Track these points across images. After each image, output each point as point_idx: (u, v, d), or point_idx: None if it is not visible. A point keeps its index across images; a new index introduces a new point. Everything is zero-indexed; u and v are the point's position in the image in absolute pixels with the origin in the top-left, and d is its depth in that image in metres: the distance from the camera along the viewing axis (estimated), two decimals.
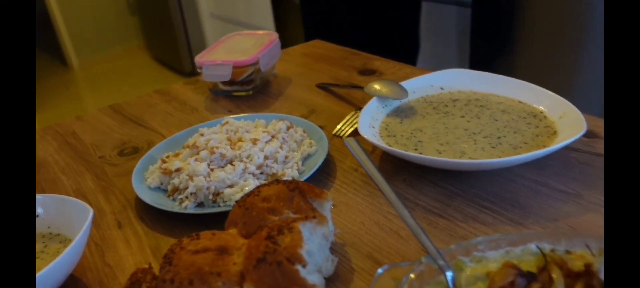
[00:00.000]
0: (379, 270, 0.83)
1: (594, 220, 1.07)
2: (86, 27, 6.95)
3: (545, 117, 1.29)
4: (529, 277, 0.80)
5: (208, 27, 5.84)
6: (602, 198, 1.12)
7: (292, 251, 0.81)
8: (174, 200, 1.17)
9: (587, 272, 0.79)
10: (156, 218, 1.18)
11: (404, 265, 0.84)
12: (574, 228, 1.04)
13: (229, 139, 1.25)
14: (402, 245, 1.02)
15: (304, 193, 0.95)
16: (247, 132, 1.29)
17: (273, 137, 1.27)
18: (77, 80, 6.75)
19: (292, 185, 0.96)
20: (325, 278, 0.94)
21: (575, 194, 1.15)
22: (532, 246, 0.87)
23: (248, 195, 0.96)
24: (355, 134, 1.41)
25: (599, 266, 0.78)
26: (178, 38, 5.89)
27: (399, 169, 1.28)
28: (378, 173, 0.94)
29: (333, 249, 1.02)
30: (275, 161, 1.20)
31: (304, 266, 0.80)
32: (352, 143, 0.98)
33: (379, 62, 1.99)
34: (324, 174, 1.27)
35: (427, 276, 0.86)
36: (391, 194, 0.90)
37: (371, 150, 1.36)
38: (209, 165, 1.17)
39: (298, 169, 1.21)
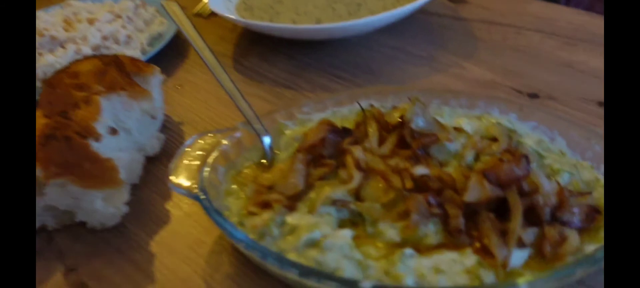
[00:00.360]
0: (188, 141, 0.78)
1: (439, 80, 1.05)
2: None
3: None
4: (344, 132, 0.77)
5: None
6: (453, 59, 1.10)
7: (85, 124, 0.74)
8: None
9: (401, 123, 0.76)
10: None
11: (216, 132, 0.80)
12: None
13: (65, 21, 1.14)
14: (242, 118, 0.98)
15: (122, 67, 0.88)
16: (88, 12, 1.18)
17: (118, 16, 1.17)
18: None
19: (108, 59, 0.88)
20: (149, 156, 0.89)
21: (428, 57, 1.12)
22: (357, 105, 0.84)
23: (57, 72, 0.88)
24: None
25: (412, 115, 0.75)
26: None
27: (255, 44, 1.21)
28: (198, 37, 0.86)
29: (167, 127, 0.97)
30: (116, 42, 1.11)
31: (97, 140, 0.74)
32: (172, 7, 0.90)
33: None
34: (175, 54, 1.19)
35: (246, 143, 0.82)
36: (209, 55, 0.83)
37: (231, 27, 1.28)
38: (38, 49, 1.07)
39: (142, 49, 1.12)
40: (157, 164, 0.89)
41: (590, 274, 0.62)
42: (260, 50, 1.18)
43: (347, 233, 0.64)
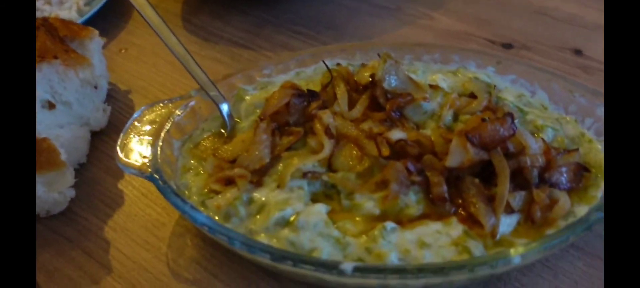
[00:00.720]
0: (136, 113, 0.70)
1: (408, 33, 0.99)
2: None
3: None
4: (310, 96, 0.70)
5: None
6: (422, 10, 1.03)
7: None
8: None
9: (372, 82, 0.70)
10: None
11: (167, 102, 0.72)
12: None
13: None
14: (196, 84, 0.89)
15: (54, 31, 0.78)
16: None
17: None
18: None
19: (36, 23, 0.77)
20: (94, 131, 0.80)
21: (395, 8, 1.05)
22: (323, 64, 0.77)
23: None
24: None
25: (383, 74, 0.69)
26: None
27: (205, 0, 1.11)
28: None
29: (113, 97, 0.88)
30: (48, 2, 1.00)
31: None
32: None
33: None
34: (116, 14, 1.07)
35: (203, 111, 0.74)
36: (153, 15, 0.74)
37: None
38: None
39: (78, 10, 1.01)
40: (105, 139, 0.80)
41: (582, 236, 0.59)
42: (212, 7, 1.08)
43: (321, 209, 0.58)
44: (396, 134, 0.63)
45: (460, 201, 0.58)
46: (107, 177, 0.74)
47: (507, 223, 0.56)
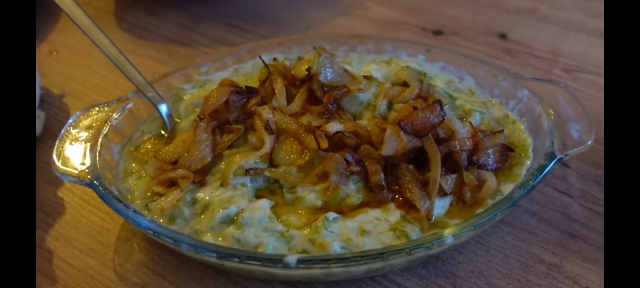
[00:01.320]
0: (71, 119, 0.68)
1: (344, 23, 1.01)
2: None
3: None
4: (249, 92, 0.71)
5: None
6: (356, 0, 1.06)
7: None
8: None
9: (309, 76, 0.72)
10: None
11: (102, 105, 0.71)
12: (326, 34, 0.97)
13: None
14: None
15: None
16: None
17: None
18: None
19: None
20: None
21: None
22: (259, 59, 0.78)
23: None
24: None
25: (319, 67, 0.71)
26: None
27: None
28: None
29: (46, 102, 0.85)
30: None
31: None
32: None
33: None
34: (44, 14, 1.04)
35: (141, 113, 0.74)
36: (80, 14, 0.72)
37: None
38: None
39: None
40: (41, 146, 0.78)
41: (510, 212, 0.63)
42: (146, 4, 1.07)
43: (265, 204, 0.60)
44: (334, 127, 0.65)
45: (397, 187, 0.61)
46: (45, 186, 0.72)
47: (440, 206, 0.60)
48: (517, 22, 0.97)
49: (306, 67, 0.73)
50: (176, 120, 0.73)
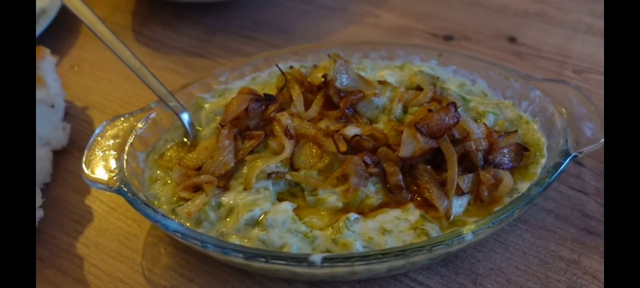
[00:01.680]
0: (98, 129, 0.71)
1: (355, 31, 1.03)
2: None
3: None
4: (267, 100, 0.73)
5: None
6: (366, 8, 1.08)
7: None
8: None
9: (325, 82, 0.74)
10: None
11: (128, 115, 0.73)
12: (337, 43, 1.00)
13: None
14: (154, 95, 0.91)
15: None
16: None
17: None
18: None
19: None
20: (56, 151, 0.80)
21: (340, 8, 1.09)
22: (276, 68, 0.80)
23: None
24: None
25: (335, 73, 0.73)
26: None
27: (154, 11, 1.11)
28: (87, 9, 0.77)
29: (71, 114, 0.88)
30: None
31: None
32: None
33: None
34: (64, 30, 1.07)
35: (164, 123, 0.76)
36: (104, 30, 0.75)
37: None
38: None
39: None
40: (67, 157, 0.81)
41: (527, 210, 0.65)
42: (163, 18, 1.09)
43: (287, 206, 0.62)
44: (352, 130, 0.67)
45: (415, 188, 0.63)
46: (73, 195, 0.75)
47: (459, 205, 0.61)
48: (525, 26, 0.99)
49: (322, 74, 0.75)
50: (198, 128, 0.75)
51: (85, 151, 0.67)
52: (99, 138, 0.70)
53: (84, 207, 0.73)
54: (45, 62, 0.83)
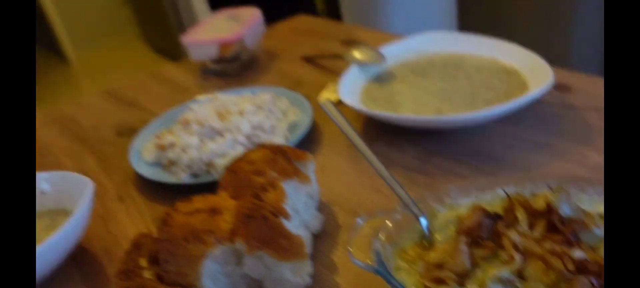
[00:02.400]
0: (359, 221, 0.90)
1: (562, 166, 1.14)
2: (80, 20, 6.96)
3: (517, 72, 1.35)
4: (496, 217, 0.87)
5: (200, 10, 5.87)
6: (572, 146, 1.19)
7: (276, 205, 0.88)
8: (170, 173, 1.24)
9: (549, 209, 0.86)
10: (154, 190, 1.26)
11: (381, 214, 0.92)
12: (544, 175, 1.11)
13: (217, 113, 1.31)
14: (383, 199, 1.10)
15: (286, 155, 1.02)
16: (234, 105, 1.36)
17: (259, 108, 1.34)
18: (75, 74, 6.79)
19: (275, 149, 1.03)
20: (313, 234, 1.01)
21: (546, 144, 1.22)
22: (500, 191, 0.94)
23: (236, 160, 1.03)
24: (339, 101, 1.47)
25: (558, 202, 0.85)
26: (171, 24, 5.92)
27: (380, 132, 1.34)
28: (352, 131, 1.00)
29: (320, 207, 1.10)
30: (263, 130, 1.27)
31: (287, 219, 0.87)
32: (327, 105, 1.05)
33: (361, 32, 2.04)
34: (311, 141, 1.34)
35: (404, 224, 0.93)
36: (365, 149, 0.97)
37: (355, 116, 1.43)
38: (200, 138, 1.24)
39: (285, 137, 1.28)
40: (319, 241, 1.01)
41: None
42: (387, 138, 1.31)
43: None
44: (578, 253, 0.77)
45: None
46: (325, 271, 0.94)
47: None
48: None
49: (543, 201, 0.87)
50: (433, 233, 0.91)
51: (352, 234, 0.86)
52: (360, 228, 0.89)
53: (333, 282, 0.91)
54: (310, 164, 1.07)
